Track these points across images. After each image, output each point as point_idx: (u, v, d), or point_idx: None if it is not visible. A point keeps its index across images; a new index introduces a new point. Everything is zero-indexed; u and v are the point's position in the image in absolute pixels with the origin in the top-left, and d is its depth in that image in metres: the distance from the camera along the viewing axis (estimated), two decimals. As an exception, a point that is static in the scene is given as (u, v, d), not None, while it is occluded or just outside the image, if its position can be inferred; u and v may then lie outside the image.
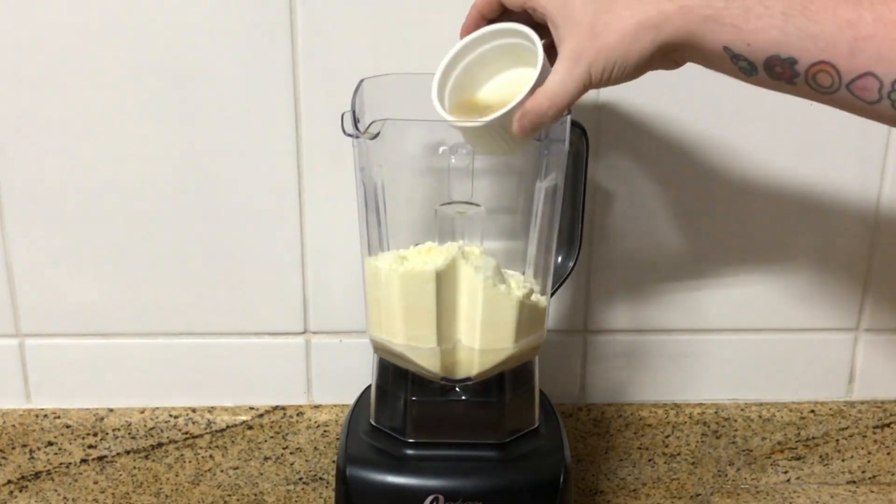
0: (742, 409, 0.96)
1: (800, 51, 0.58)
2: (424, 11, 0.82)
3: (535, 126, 0.64)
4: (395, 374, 0.76)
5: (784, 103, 0.70)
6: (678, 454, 0.97)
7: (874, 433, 0.97)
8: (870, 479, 0.99)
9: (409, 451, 0.76)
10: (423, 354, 0.72)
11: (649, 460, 0.97)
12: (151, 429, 0.93)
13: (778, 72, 0.60)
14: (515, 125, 0.64)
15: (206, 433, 0.93)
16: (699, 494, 0.99)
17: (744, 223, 0.90)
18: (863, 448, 0.97)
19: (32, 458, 0.93)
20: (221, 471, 0.95)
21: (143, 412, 0.93)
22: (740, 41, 0.60)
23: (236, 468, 0.95)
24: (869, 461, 0.98)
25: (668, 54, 0.63)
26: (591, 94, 0.85)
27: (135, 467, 0.94)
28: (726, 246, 0.91)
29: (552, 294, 0.78)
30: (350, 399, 0.86)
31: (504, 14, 0.68)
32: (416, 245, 0.74)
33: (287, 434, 0.94)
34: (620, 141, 0.87)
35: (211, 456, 0.94)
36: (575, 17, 0.62)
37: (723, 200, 0.90)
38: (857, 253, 0.92)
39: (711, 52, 0.61)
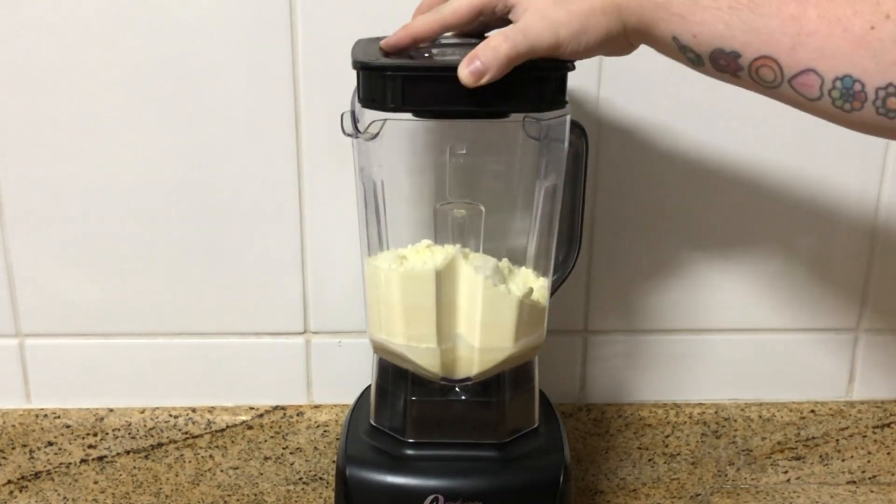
0: (742, 409, 0.96)
1: (743, 45, 0.59)
2: (424, 11, 0.82)
3: (483, 69, 0.62)
4: (394, 374, 0.76)
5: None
6: (678, 454, 0.97)
7: (874, 433, 0.97)
8: (870, 479, 0.99)
9: (409, 451, 0.76)
10: (422, 354, 0.72)
11: (649, 460, 0.97)
12: (151, 429, 0.93)
13: (722, 64, 0.60)
14: (462, 69, 0.62)
15: (206, 433, 0.93)
16: (699, 494, 0.99)
17: (744, 223, 0.90)
18: (863, 448, 0.97)
19: (32, 458, 0.93)
20: (221, 471, 0.95)
21: (143, 412, 0.93)
22: (687, 32, 0.60)
23: (236, 468, 0.95)
24: (869, 461, 0.98)
25: (625, 37, 0.64)
26: (591, 94, 0.85)
27: (135, 467, 0.94)
28: (726, 246, 0.91)
29: (552, 294, 0.78)
30: (350, 399, 0.86)
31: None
32: (414, 244, 0.74)
33: (287, 434, 0.94)
34: (620, 141, 0.87)
35: (211, 456, 0.94)
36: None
37: (722, 200, 0.90)
38: (857, 253, 0.92)
39: (662, 41, 0.62)
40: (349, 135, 0.68)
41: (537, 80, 0.65)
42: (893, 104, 0.56)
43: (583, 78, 0.84)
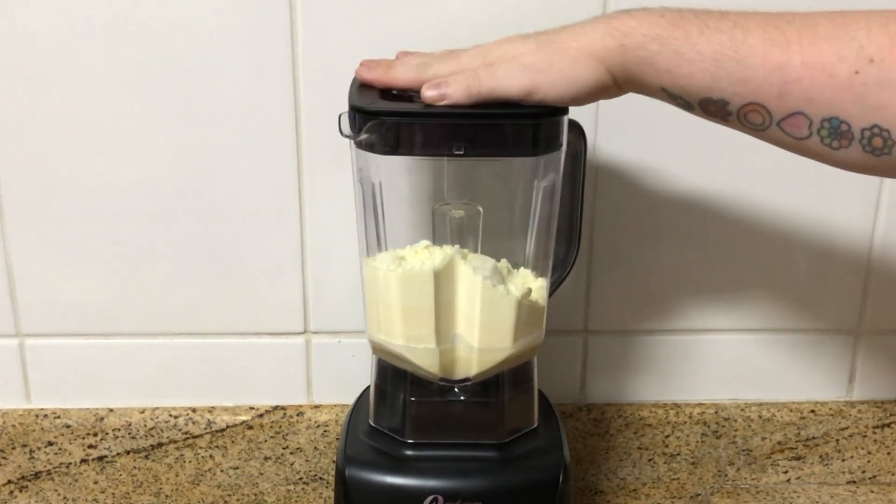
0: (742, 409, 0.96)
1: (731, 95, 0.60)
2: (425, 11, 0.82)
3: (443, 96, 0.64)
4: (394, 375, 0.76)
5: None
6: (678, 454, 0.97)
7: (874, 433, 0.97)
8: (870, 479, 0.99)
9: (409, 452, 0.76)
10: (421, 355, 0.72)
11: (649, 460, 0.97)
12: (151, 429, 0.93)
13: (712, 111, 0.62)
14: (428, 90, 0.65)
15: (206, 433, 0.93)
16: (699, 494, 0.99)
17: (743, 223, 0.90)
18: (863, 448, 0.97)
19: (32, 458, 0.94)
20: (221, 471, 0.95)
21: (143, 412, 0.93)
22: (675, 85, 0.62)
23: (236, 468, 0.95)
24: (869, 461, 0.98)
25: (615, 86, 0.65)
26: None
27: (135, 467, 0.94)
28: (726, 246, 0.91)
29: (551, 294, 0.78)
30: (350, 399, 0.86)
31: None
32: (413, 245, 0.74)
33: (287, 434, 0.94)
34: (619, 141, 0.87)
35: (211, 456, 0.94)
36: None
37: (722, 200, 0.90)
38: (857, 253, 0.92)
39: (651, 91, 0.64)
40: (347, 136, 0.68)
41: (532, 127, 0.67)
42: (879, 143, 0.57)
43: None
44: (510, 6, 0.82)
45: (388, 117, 0.65)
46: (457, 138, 0.65)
